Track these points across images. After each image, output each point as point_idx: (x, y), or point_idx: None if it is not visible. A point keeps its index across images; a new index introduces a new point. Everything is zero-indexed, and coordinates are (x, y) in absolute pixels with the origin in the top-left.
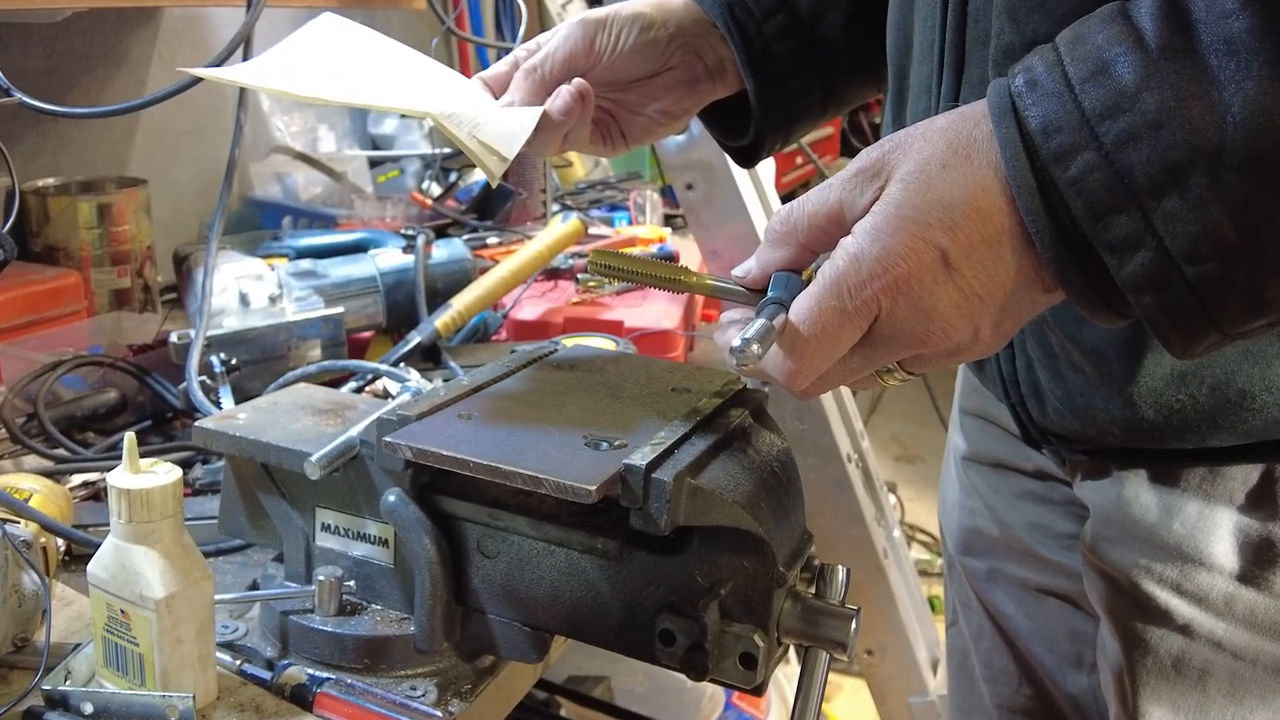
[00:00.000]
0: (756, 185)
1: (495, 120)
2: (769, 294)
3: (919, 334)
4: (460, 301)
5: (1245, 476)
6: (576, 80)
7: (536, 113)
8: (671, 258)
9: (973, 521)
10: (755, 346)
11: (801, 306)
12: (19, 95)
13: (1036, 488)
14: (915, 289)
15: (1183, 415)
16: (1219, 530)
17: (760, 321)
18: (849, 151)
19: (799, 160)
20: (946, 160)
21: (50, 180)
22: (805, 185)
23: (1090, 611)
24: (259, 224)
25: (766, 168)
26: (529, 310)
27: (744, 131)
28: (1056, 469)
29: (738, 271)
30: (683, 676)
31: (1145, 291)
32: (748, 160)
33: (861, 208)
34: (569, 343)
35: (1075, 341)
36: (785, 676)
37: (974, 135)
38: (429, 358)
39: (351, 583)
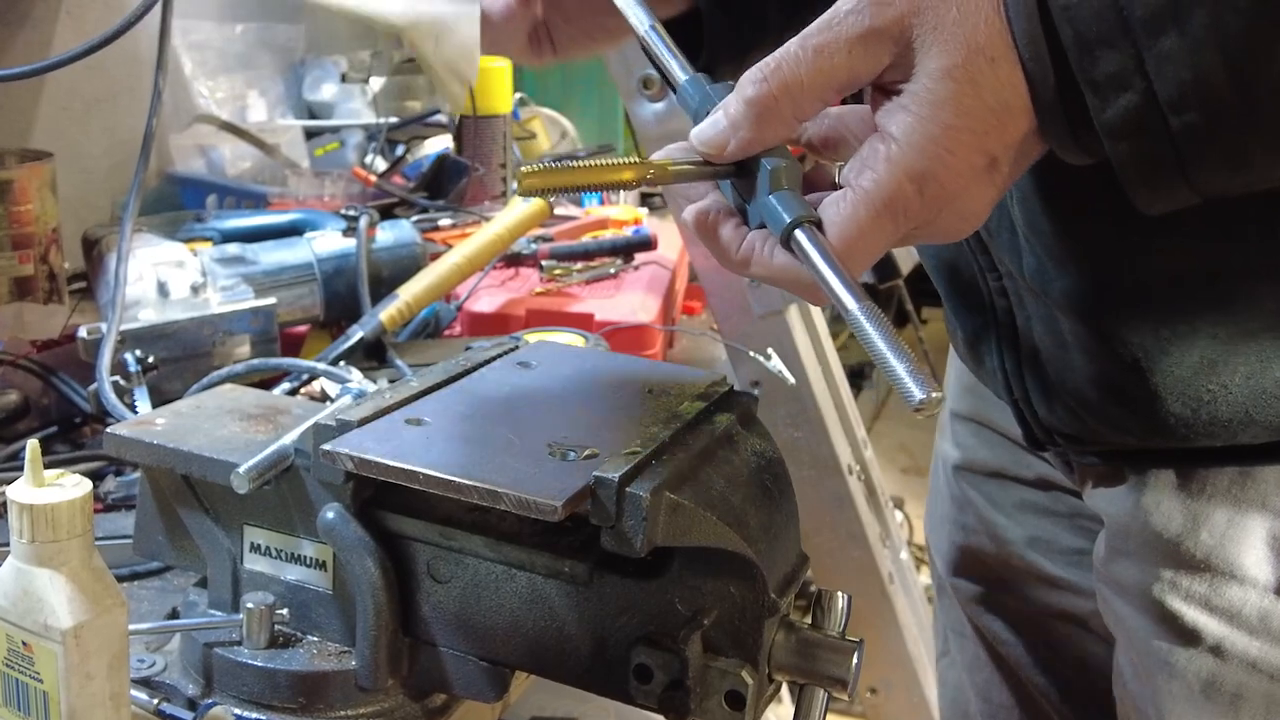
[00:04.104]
0: None
1: (452, 25)
2: (773, 200)
3: (951, 233)
4: (408, 292)
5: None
6: None
7: (475, 14)
8: (648, 242)
9: (966, 539)
10: (936, 394)
11: (845, 230)
12: None
13: (1039, 498)
14: (963, 198)
15: (1213, 408)
16: (1251, 539)
17: (902, 365)
18: None
19: None
20: (993, 52)
21: None
22: None
23: (1100, 634)
24: (180, 203)
25: None
26: (486, 302)
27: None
28: (1061, 477)
29: (700, 142)
30: (661, 718)
31: (1123, 138)
32: None
33: (872, 76)
34: (532, 339)
35: (1091, 327)
36: (778, 718)
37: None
38: (373, 355)
39: (284, 611)
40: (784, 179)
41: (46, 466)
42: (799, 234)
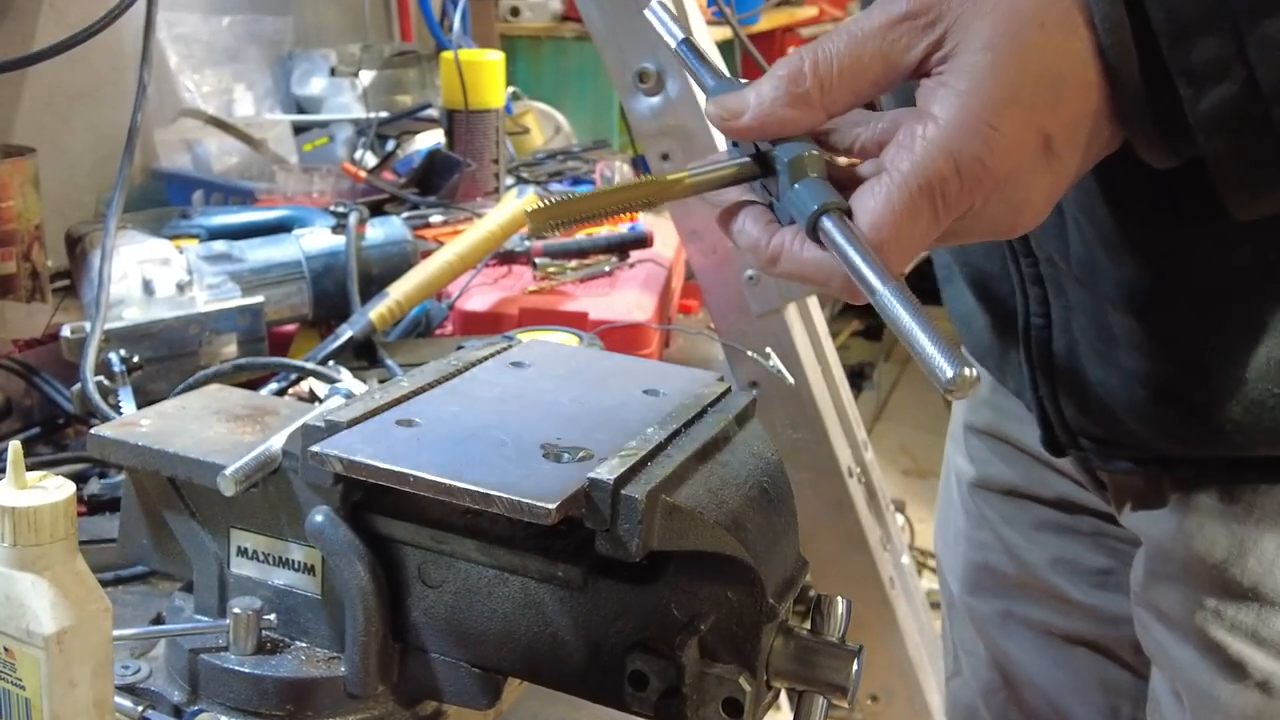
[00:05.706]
0: None
1: None
2: (798, 189)
3: (1003, 227)
4: (399, 290)
5: None
6: None
7: None
8: (644, 239)
9: (982, 557)
10: (969, 370)
11: (879, 217)
12: None
13: (1059, 518)
14: (1013, 184)
15: (1276, 414)
16: None
17: (929, 341)
18: None
19: None
20: (1043, 18)
21: None
22: None
23: (1124, 660)
24: (165, 200)
25: None
26: (478, 300)
27: None
28: (1084, 496)
29: (719, 105)
30: None
31: (1220, 132)
32: None
33: (910, 65)
34: (525, 338)
35: (1146, 322)
36: None
37: None
38: (362, 355)
39: (272, 616)
40: (808, 168)
41: (29, 468)
42: (825, 221)
